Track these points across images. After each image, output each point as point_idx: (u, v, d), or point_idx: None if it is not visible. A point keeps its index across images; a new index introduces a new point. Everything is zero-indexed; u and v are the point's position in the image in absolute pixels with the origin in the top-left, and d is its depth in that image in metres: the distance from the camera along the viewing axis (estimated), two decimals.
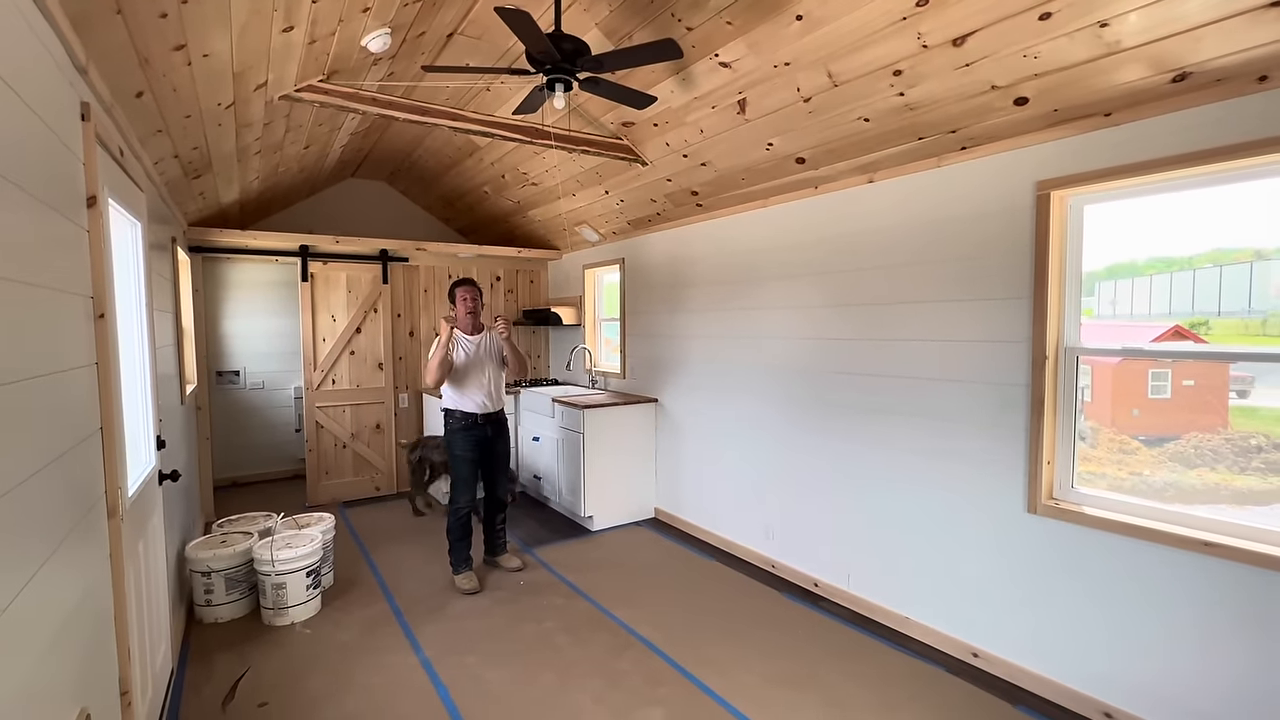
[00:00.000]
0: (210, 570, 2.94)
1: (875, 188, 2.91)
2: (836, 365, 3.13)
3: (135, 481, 1.95)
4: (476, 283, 3.48)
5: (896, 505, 2.87)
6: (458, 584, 3.33)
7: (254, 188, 4.10)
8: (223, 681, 2.49)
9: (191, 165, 2.98)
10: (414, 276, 5.28)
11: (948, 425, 2.64)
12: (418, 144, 4.59)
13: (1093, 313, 2.38)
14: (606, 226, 4.72)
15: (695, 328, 4.08)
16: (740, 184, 3.41)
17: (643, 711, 2.28)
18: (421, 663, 2.61)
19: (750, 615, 3.02)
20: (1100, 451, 2.42)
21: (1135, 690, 2.12)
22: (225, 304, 5.56)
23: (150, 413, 2.27)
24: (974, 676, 2.49)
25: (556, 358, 5.89)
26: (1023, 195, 2.35)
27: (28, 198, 1.15)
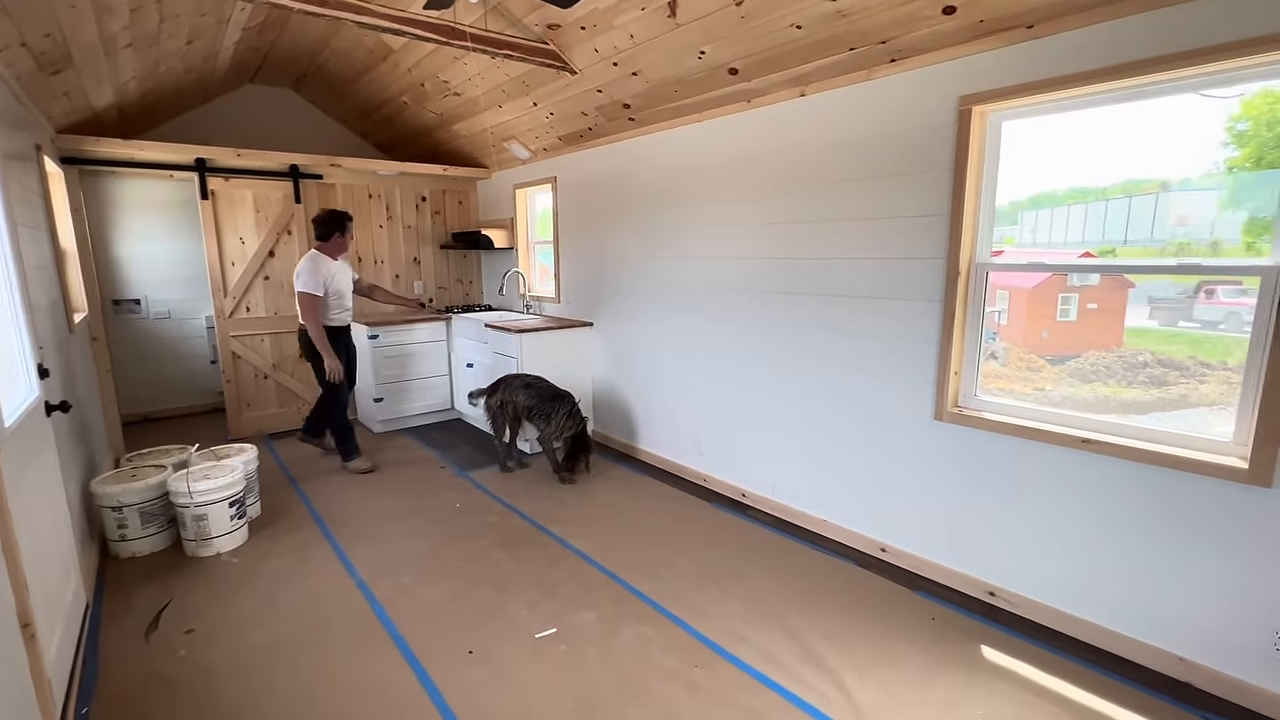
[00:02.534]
0: (121, 505, 2.81)
1: (807, 102, 2.85)
2: (766, 284, 3.16)
3: (14, 410, 1.79)
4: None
5: (818, 418, 3.01)
6: (356, 466, 3.96)
7: (132, 90, 3.64)
8: (144, 613, 2.43)
9: (46, 57, 2.59)
10: (330, 195, 4.91)
11: (866, 341, 2.75)
12: (323, 45, 4.16)
13: (1014, 240, 2.49)
14: (536, 142, 4.49)
15: (630, 249, 4.01)
16: (673, 96, 3.28)
17: (576, 615, 2.39)
18: (357, 584, 2.63)
19: (681, 525, 3.17)
20: (1010, 369, 2.59)
21: (1017, 572, 2.37)
22: (117, 226, 5.05)
23: (26, 338, 2.07)
24: (881, 569, 2.72)
25: (489, 282, 5.72)
26: (946, 111, 2.37)
27: None
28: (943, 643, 2.21)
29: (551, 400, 3.69)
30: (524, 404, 3.72)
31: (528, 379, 3.81)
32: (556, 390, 3.77)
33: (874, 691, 1.96)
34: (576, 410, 3.72)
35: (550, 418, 3.66)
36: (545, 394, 3.71)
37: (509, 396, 3.78)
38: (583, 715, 1.87)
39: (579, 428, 3.70)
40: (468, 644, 2.21)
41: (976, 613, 2.39)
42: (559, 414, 3.65)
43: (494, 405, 3.84)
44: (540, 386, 3.76)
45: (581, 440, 3.72)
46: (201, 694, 1.98)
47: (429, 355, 4.98)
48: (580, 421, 3.71)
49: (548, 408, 3.67)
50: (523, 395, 3.73)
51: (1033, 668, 2.07)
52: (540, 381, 3.80)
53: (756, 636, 2.25)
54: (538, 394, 3.71)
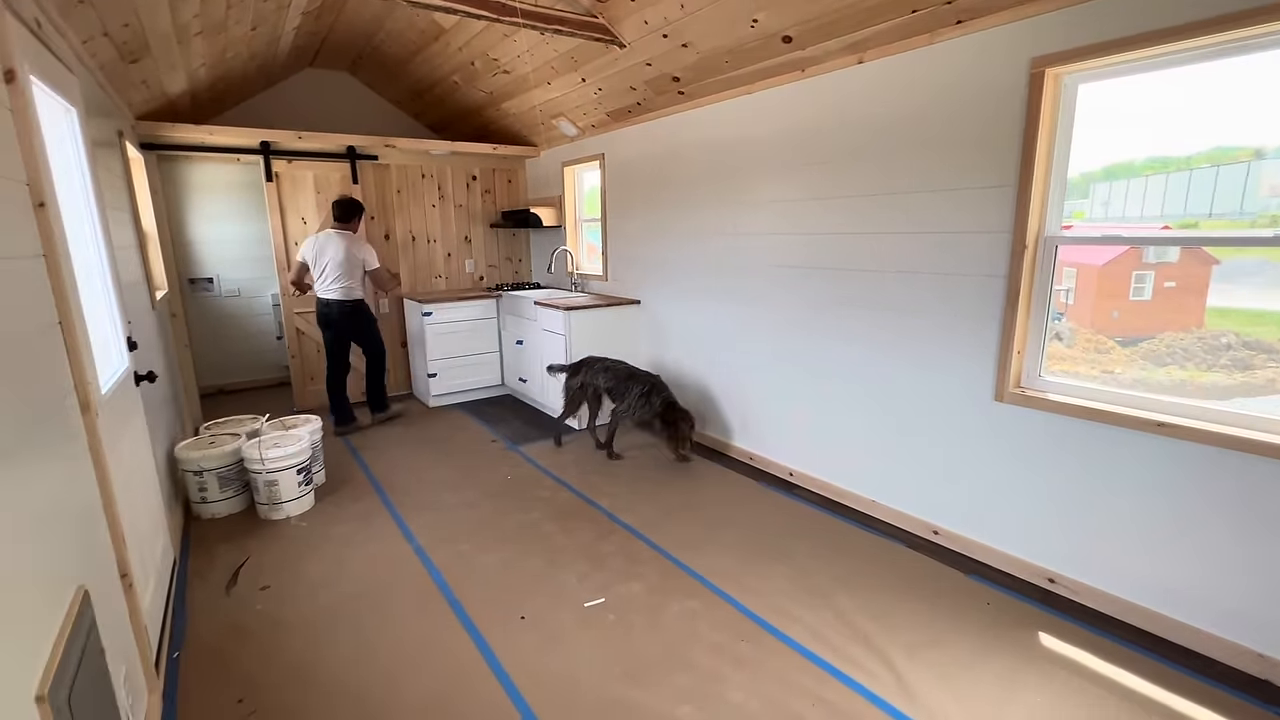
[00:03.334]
0: (202, 469, 3.01)
1: (865, 69, 2.74)
2: (817, 259, 3.09)
3: (109, 379, 1.94)
4: None
5: (870, 396, 2.95)
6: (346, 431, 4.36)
7: (203, 77, 3.80)
8: (225, 569, 2.62)
9: (126, 46, 2.73)
10: (385, 175, 5.05)
11: (925, 318, 2.66)
12: (378, 27, 4.24)
13: (1084, 214, 2.34)
14: (584, 119, 4.48)
15: (678, 225, 3.98)
16: (724, 67, 3.20)
17: (624, 586, 2.44)
18: (415, 550, 2.75)
19: (727, 502, 3.17)
20: (1076, 351, 2.46)
21: (1078, 559, 2.28)
22: (191, 208, 5.33)
23: (117, 313, 2.22)
24: (932, 550, 2.67)
25: (538, 261, 5.78)
26: (1016, 74, 2.23)
27: None
28: (997, 627, 2.16)
29: (627, 380, 3.72)
30: (604, 386, 3.79)
31: (608, 362, 3.85)
32: (634, 371, 3.78)
33: (924, 672, 1.94)
34: (654, 391, 3.64)
35: (624, 396, 3.70)
36: (621, 375, 3.75)
37: (590, 379, 3.84)
38: (630, 681, 1.92)
39: (656, 409, 3.60)
40: (520, 610, 2.30)
41: (1034, 599, 2.32)
42: (631, 393, 3.66)
43: (574, 386, 3.89)
44: (619, 369, 3.79)
45: (667, 420, 3.62)
46: (276, 645, 2.13)
47: (480, 332, 5.10)
48: (659, 404, 3.61)
49: (623, 388, 3.71)
50: (602, 378, 3.79)
51: (1093, 656, 2.00)
52: (620, 365, 3.83)
53: (804, 614, 2.25)
54: (615, 376, 3.76)
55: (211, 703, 1.88)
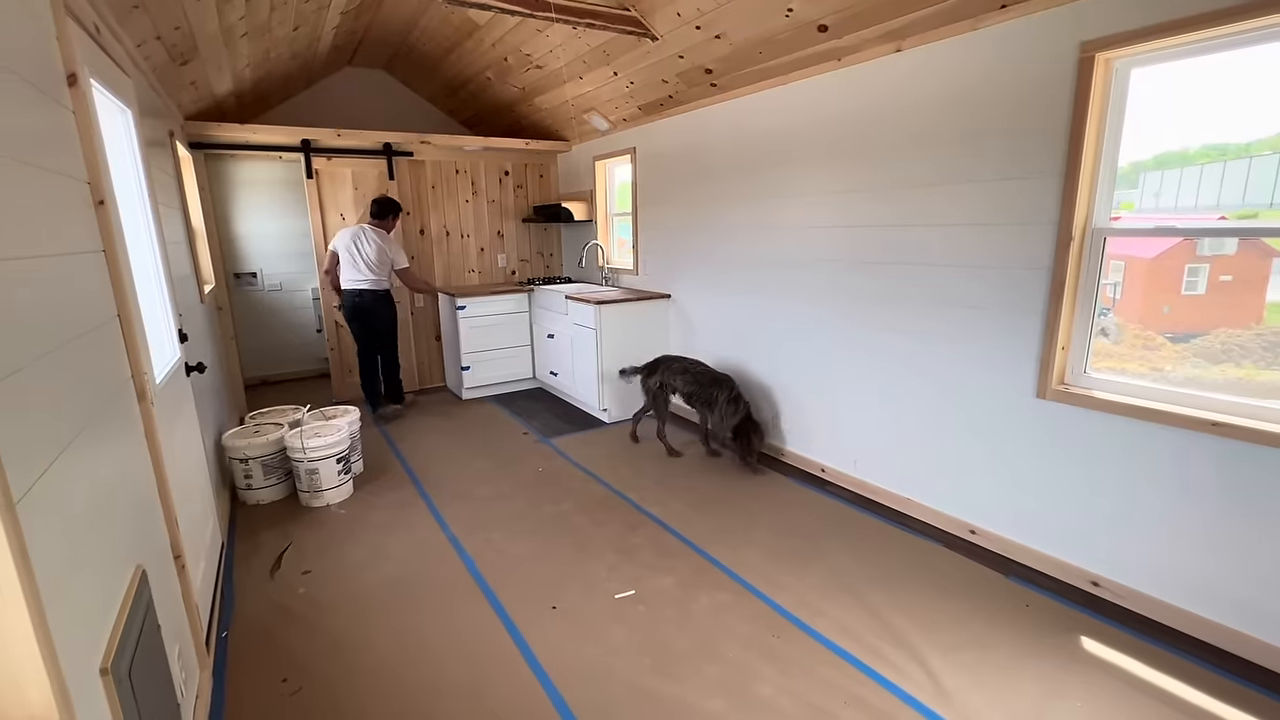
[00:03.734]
0: (247, 457, 3.13)
1: (903, 58, 2.68)
2: (852, 253, 3.04)
3: (162, 370, 2.03)
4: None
5: (905, 392, 2.89)
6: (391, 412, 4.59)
7: (247, 77, 3.92)
8: (269, 554, 2.72)
9: (177, 49, 2.83)
10: (420, 172, 5.14)
11: (963, 313, 2.60)
12: (413, 25, 4.31)
13: (1133, 205, 2.25)
14: (616, 113, 4.48)
15: (709, 219, 3.96)
16: (758, 58, 3.17)
17: (654, 580, 2.45)
18: (449, 539, 2.81)
19: (758, 498, 3.16)
20: (1123, 348, 2.37)
21: (1124, 562, 2.21)
22: (235, 204, 5.51)
23: (169, 306, 2.32)
24: (969, 551, 2.61)
25: (569, 255, 5.81)
26: (1064, 60, 2.15)
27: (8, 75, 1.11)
28: (1036, 630, 2.10)
29: (711, 386, 3.54)
30: (683, 390, 3.64)
31: (686, 362, 3.72)
32: (715, 375, 3.61)
33: (960, 674, 1.91)
34: (739, 397, 3.50)
35: (713, 405, 3.53)
36: (704, 379, 3.59)
37: (667, 379, 3.73)
38: (661, 673, 1.94)
39: (744, 414, 3.46)
40: (551, 599, 2.33)
41: (1077, 602, 2.25)
42: (719, 401, 3.49)
43: (653, 386, 3.78)
44: (697, 371, 3.65)
45: (741, 430, 3.46)
46: (318, 626, 2.20)
47: (512, 326, 5.16)
48: (744, 406, 3.48)
49: (707, 394, 3.54)
50: (680, 380, 3.66)
51: (1140, 663, 1.94)
52: (697, 365, 3.69)
53: (835, 611, 2.23)
54: (695, 379, 3.61)
55: (258, 680, 1.95)
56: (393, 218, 4.37)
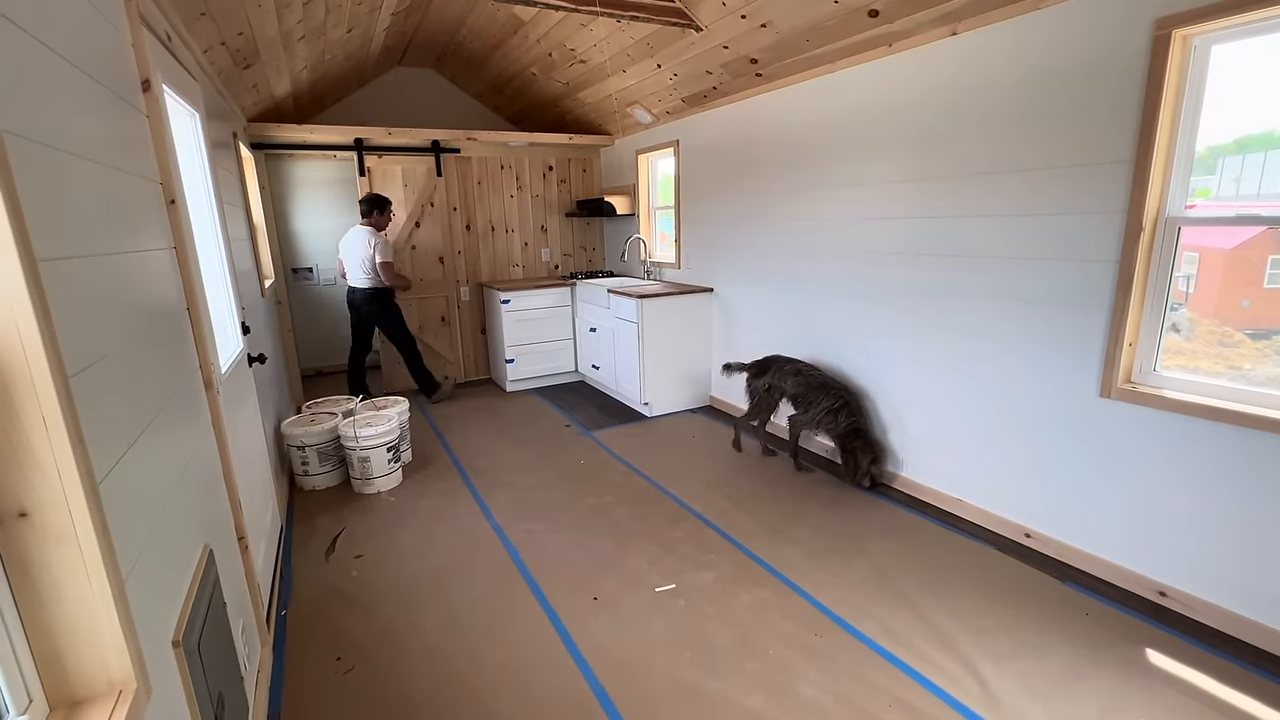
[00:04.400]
0: (304, 445, 3.27)
1: (958, 42, 2.57)
2: (902, 245, 2.95)
3: (227, 361, 2.13)
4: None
5: (956, 389, 2.79)
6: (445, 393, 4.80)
7: (304, 79, 4.07)
8: (324, 538, 2.83)
9: (240, 54, 2.96)
10: (467, 168, 5.24)
11: (1021, 307, 2.49)
12: (460, 23, 4.38)
13: (1209, 193, 2.11)
14: (659, 105, 4.46)
15: (753, 212, 3.91)
16: (805, 46, 3.10)
17: (695, 574, 2.45)
18: (493, 527, 2.87)
19: (802, 495, 3.11)
20: (1196, 344, 2.23)
21: (1196, 571, 2.08)
22: (293, 202, 5.75)
23: (233, 300, 2.43)
24: (1023, 555, 2.51)
25: (611, 249, 5.84)
26: (1136, 38, 2.03)
27: (92, 83, 1.18)
28: (1096, 640, 2.01)
29: (817, 390, 3.28)
30: (790, 391, 3.40)
31: (799, 365, 3.43)
32: (827, 381, 3.30)
33: (1013, 683, 1.84)
34: (844, 408, 3.16)
35: (810, 407, 3.29)
36: (812, 383, 3.32)
37: (777, 381, 3.45)
38: (700, 666, 1.94)
39: (846, 427, 3.14)
40: (592, 591, 2.35)
41: (1141, 612, 2.14)
42: (818, 406, 3.23)
43: (760, 388, 3.53)
44: (810, 374, 3.36)
45: (846, 446, 3.15)
46: (370, 608, 2.29)
47: (555, 320, 5.22)
48: (844, 426, 3.14)
49: (810, 396, 3.30)
50: (790, 383, 3.39)
51: (1210, 678, 1.83)
52: (811, 369, 3.40)
53: (881, 613, 2.18)
54: (805, 382, 3.35)
55: (314, 658, 2.04)
56: (378, 213, 4.47)
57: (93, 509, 0.85)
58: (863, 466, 3.09)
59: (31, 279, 0.78)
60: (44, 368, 0.79)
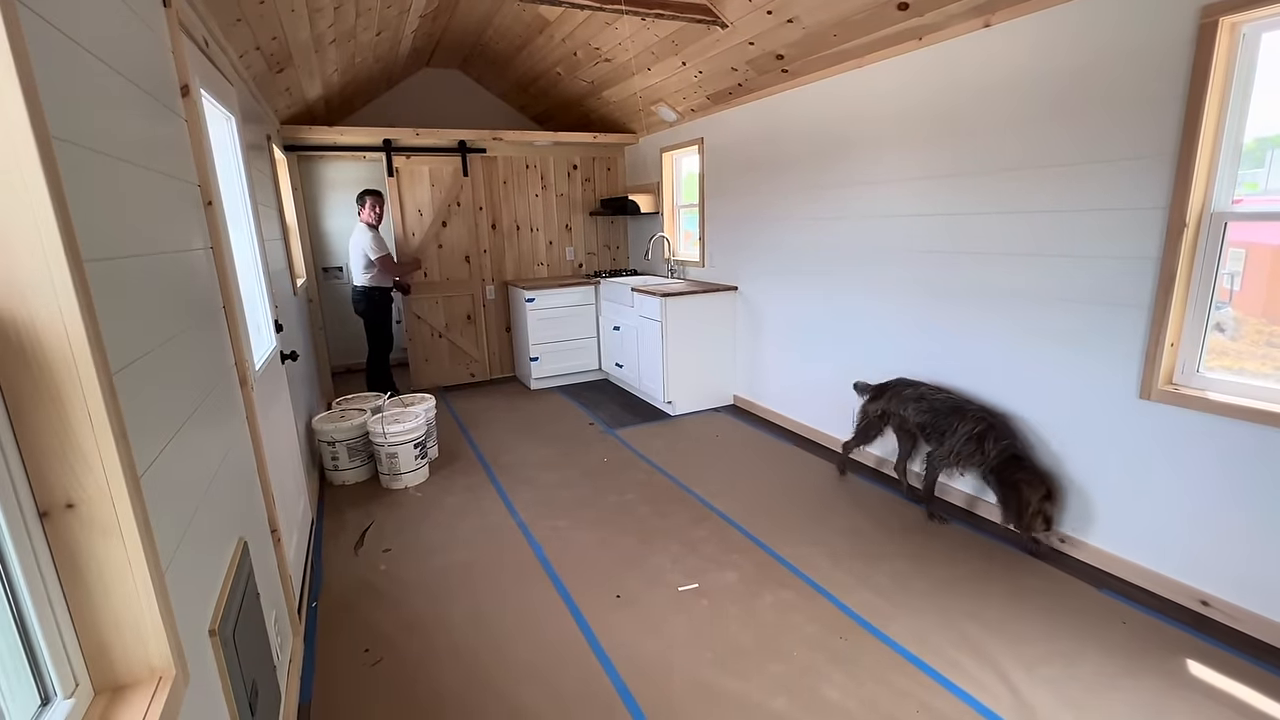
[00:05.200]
0: (334, 440, 3.34)
1: (991, 34, 2.51)
2: (932, 243, 2.90)
3: (260, 358, 2.19)
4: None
5: (992, 391, 2.73)
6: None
7: (335, 81, 4.15)
8: (353, 531, 2.89)
9: (274, 58, 3.03)
10: (493, 168, 5.29)
11: (1057, 306, 2.42)
12: (487, 24, 4.42)
13: (1257, 186, 2.02)
14: (684, 103, 4.44)
15: (778, 210, 3.87)
16: (832, 41, 3.05)
17: (718, 573, 2.44)
18: (518, 524, 2.90)
19: (826, 495, 3.08)
20: (1242, 345, 2.15)
21: (1240, 580, 2.01)
22: (324, 203, 5.87)
23: (266, 299, 2.50)
24: (1057, 560, 2.44)
25: (635, 247, 5.84)
26: (1180, 27, 1.96)
27: (135, 89, 1.22)
28: (1134, 650, 1.95)
29: (950, 415, 2.70)
30: (914, 420, 2.84)
31: (922, 388, 2.89)
32: (961, 404, 2.72)
33: (1044, 691, 1.79)
34: (990, 434, 2.54)
35: (945, 436, 2.70)
36: (941, 408, 2.74)
37: (893, 408, 2.94)
38: (724, 669, 1.93)
39: (990, 460, 2.53)
40: (615, 588, 2.36)
41: (1182, 622, 2.07)
42: (956, 434, 2.64)
43: (871, 412, 3.05)
44: (937, 400, 2.78)
45: (1005, 479, 2.49)
46: (398, 602, 2.33)
47: (579, 318, 5.25)
48: (994, 453, 2.52)
49: (942, 424, 2.72)
50: (912, 409, 2.84)
51: (1257, 693, 1.76)
52: (939, 393, 2.82)
53: (907, 617, 2.14)
54: (931, 408, 2.78)
55: (343, 649, 2.09)
56: (363, 209, 4.43)
57: (135, 501, 0.88)
58: (1030, 502, 2.40)
59: (78, 279, 0.81)
60: (89, 365, 0.82)
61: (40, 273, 0.78)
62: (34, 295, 0.79)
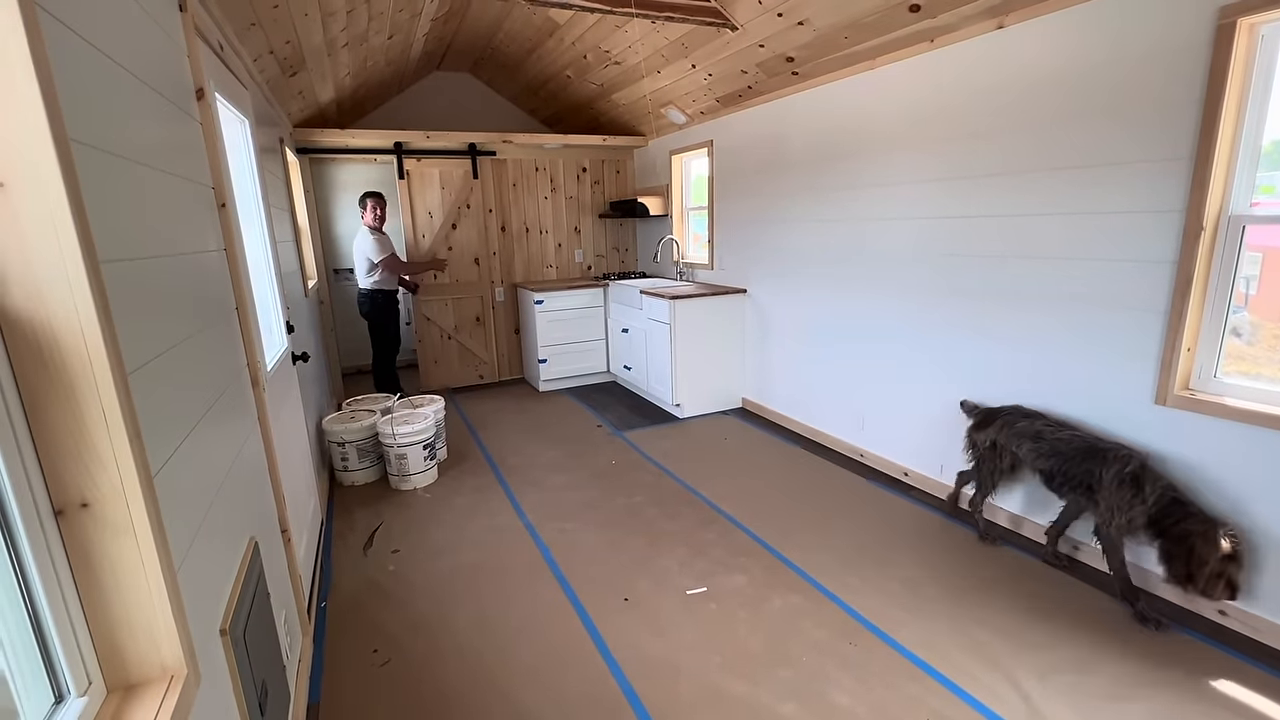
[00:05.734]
0: (344, 441, 3.35)
1: (1004, 35, 2.50)
2: (942, 246, 2.88)
3: (272, 358, 2.20)
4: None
5: (999, 395, 2.71)
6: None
7: (347, 85, 4.18)
8: (363, 532, 2.90)
9: (287, 62, 3.06)
10: (502, 170, 5.31)
11: (1072, 311, 2.40)
12: (497, 28, 4.44)
13: (1275, 190, 1.99)
14: (694, 106, 4.44)
15: (788, 213, 3.86)
16: (842, 44, 3.04)
17: (726, 577, 2.43)
18: (525, 526, 2.90)
19: (835, 499, 3.06)
20: (1259, 349, 2.11)
21: (1260, 590, 1.97)
22: (335, 205, 5.91)
23: (278, 300, 2.51)
24: (1072, 568, 2.41)
25: (644, 250, 5.84)
26: (1197, 27, 1.93)
27: (151, 93, 1.23)
28: (1150, 658, 1.92)
29: (1086, 461, 2.16)
30: (1033, 463, 2.35)
31: (1040, 422, 2.38)
32: (1095, 444, 2.19)
33: (1058, 700, 1.77)
34: (1144, 476, 2.04)
35: (1094, 492, 2.14)
36: (1072, 451, 2.21)
37: (1006, 440, 2.45)
38: (732, 673, 1.92)
39: (1159, 501, 2.01)
40: (623, 591, 2.35)
41: (1199, 631, 2.04)
42: (1106, 484, 2.09)
43: (982, 443, 2.57)
44: (1060, 438, 2.27)
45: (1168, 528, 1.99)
46: (406, 603, 2.33)
47: (587, 320, 5.25)
48: (1153, 498, 2.02)
49: (1081, 473, 2.16)
50: (1028, 448, 2.35)
51: (1275, 703, 1.73)
52: (1060, 429, 2.30)
53: (917, 622, 2.12)
54: (1054, 450, 2.26)
55: (351, 649, 2.09)
56: (365, 212, 4.44)
57: (148, 501, 0.89)
58: (1207, 559, 1.89)
59: (94, 280, 0.82)
60: (105, 365, 0.83)
61: (57, 274, 0.79)
62: (51, 296, 0.80)
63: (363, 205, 4.48)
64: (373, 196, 4.47)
